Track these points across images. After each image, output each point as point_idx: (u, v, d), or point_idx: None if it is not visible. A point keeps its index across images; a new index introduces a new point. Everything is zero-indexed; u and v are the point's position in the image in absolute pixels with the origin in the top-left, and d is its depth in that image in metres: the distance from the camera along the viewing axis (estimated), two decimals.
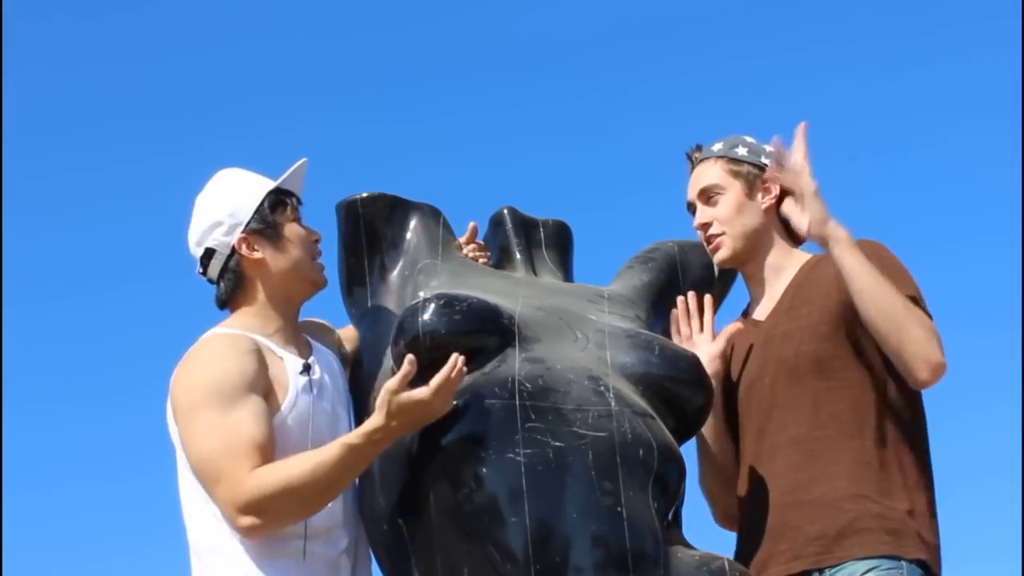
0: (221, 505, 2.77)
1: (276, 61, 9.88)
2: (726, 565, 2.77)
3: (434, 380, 2.69)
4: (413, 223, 3.21)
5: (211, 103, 9.80)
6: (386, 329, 2.99)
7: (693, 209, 3.26)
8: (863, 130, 9.45)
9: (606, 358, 2.93)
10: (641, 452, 2.79)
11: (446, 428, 2.77)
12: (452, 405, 2.75)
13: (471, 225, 3.28)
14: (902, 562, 2.89)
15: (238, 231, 2.96)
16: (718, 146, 3.26)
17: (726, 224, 3.19)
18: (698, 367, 2.96)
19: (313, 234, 3.05)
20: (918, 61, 9.65)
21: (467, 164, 9.53)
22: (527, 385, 2.81)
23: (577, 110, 9.67)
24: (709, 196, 3.21)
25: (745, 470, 3.10)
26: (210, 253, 2.98)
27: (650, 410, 2.88)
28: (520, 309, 2.96)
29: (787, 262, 3.19)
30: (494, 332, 2.87)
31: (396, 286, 3.15)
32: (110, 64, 9.71)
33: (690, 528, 2.93)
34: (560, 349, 2.92)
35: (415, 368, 2.70)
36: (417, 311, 2.83)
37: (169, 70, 9.65)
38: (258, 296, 2.98)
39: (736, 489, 3.14)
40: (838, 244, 2.98)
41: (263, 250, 2.97)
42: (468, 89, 9.96)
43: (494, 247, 3.31)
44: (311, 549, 2.83)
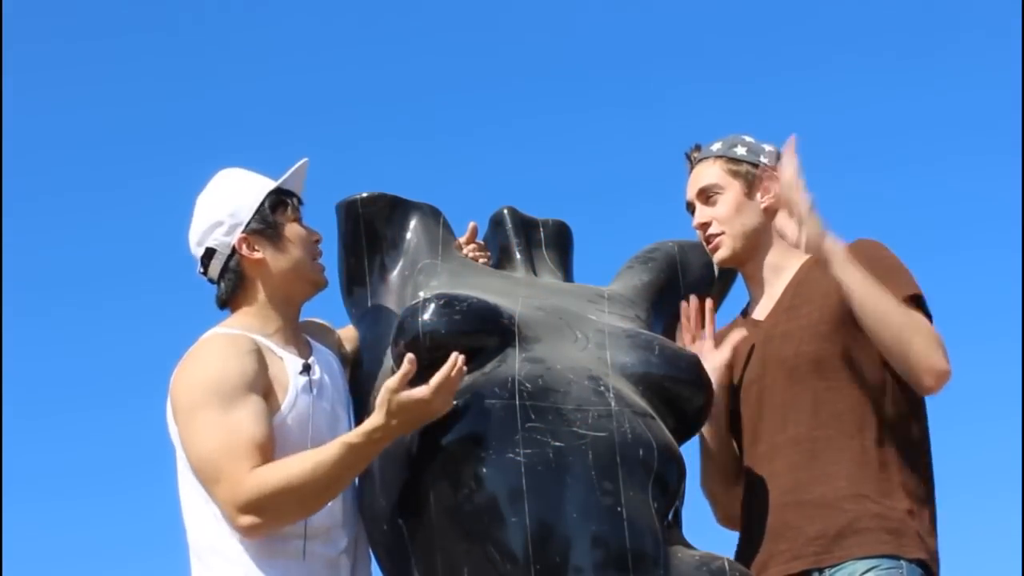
0: (221, 504, 2.77)
1: (276, 61, 9.90)
2: (726, 565, 2.77)
3: (434, 379, 2.69)
4: (413, 223, 3.21)
5: (211, 103, 9.81)
6: (386, 329, 2.99)
7: (692, 209, 3.26)
8: (864, 133, 9.49)
9: (606, 358, 2.93)
10: (641, 452, 2.79)
11: (446, 428, 2.77)
12: (452, 405, 2.75)
13: (471, 225, 3.28)
14: (902, 562, 2.89)
15: (238, 231, 2.96)
16: (717, 146, 3.26)
17: (725, 224, 3.18)
18: (698, 367, 2.96)
19: (314, 234, 3.05)
20: (918, 65, 9.66)
21: (467, 164, 9.53)
22: (527, 385, 2.80)
23: (577, 110, 9.68)
24: (708, 196, 3.21)
25: (745, 470, 3.10)
26: (210, 253, 2.98)
27: (650, 410, 2.88)
28: (520, 309, 2.96)
29: (786, 261, 3.19)
30: (494, 332, 2.87)
31: (396, 286, 3.15)
32: (110, 64, 9.72)
33: (690, 528, 2.94)
34: (560, 349, 2.92)
35: (415, 367, 2.70)
36: (417, 311, 2.83)
37: (170, 70, 9.67)
38: (258, 296, 2.98)
39: (737, 489, 3.15)
40: (836, 262, 2.97)
41: (263, 250, 2.97)
42: (468, 89, 9.98)
43: (494, 247, 3.31)
44: (310, 549, 2.83)
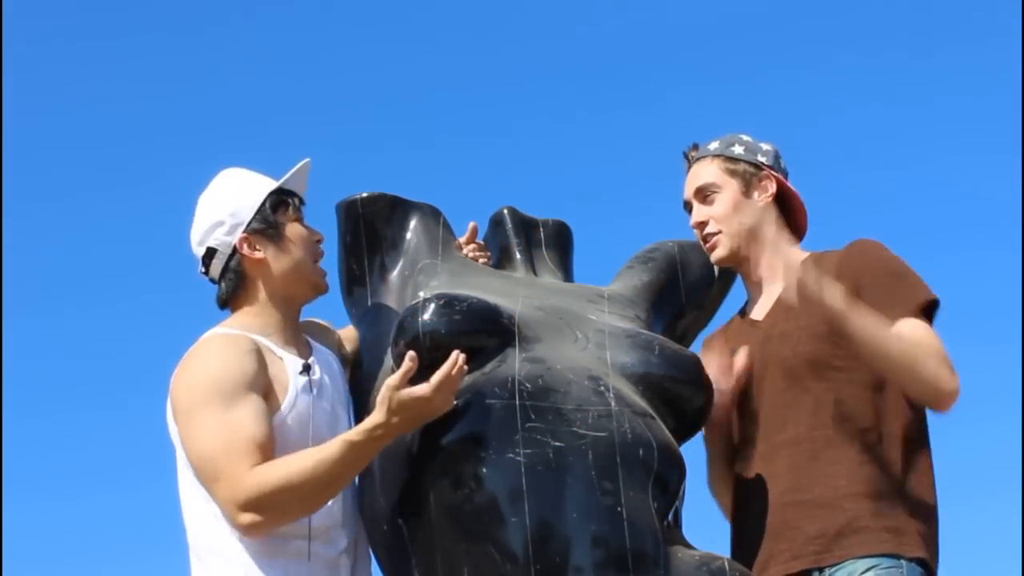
0: (221, 503, 2.76)
1: (278, 61, 9.89)
2: (726, 565, 2.77)
3: (435, 377, 2.69)
4: (413, 223, 3.20)
5: (212, 103, 9.81)
6: (386, 329, 2.98)
7: (689, 208, 3.26)
8: (864, 133, 9.50)
9: (606, 358, 2.93)
10: (641, 452, 2.80)
11: (446, 428, 2.77)
12: (453, 404, 2.75)
13: (471, 225, 3.28)
14: (902, 561, 2.90)
15: (239, 231, 2.96)
16: (714, 145, 3.26)
17: (723, 223, 3.18)
18: (698, 367, 2.96)
19: (315, 234, 3.05)
20: (918, 65, 9.68)
21: (467, 164, 9.53)
22: (527, 385, 2.80)
23: (577, 110, 9.69)
24: (705, 195, 3.21)
25: (745, 470, 3.10)
26: (212, 252, 2.98)
27: (650, 410, 2.88)
28: (520, 309, 2.96)
29: (785, 261, 3.19)
30: (494, 332, 2.87)
31: (396, 286, 3.15)
32: (111, 64, 9.71)
33: (690, 528, 2.94)
34: (560, 349, 2.92)
35: (416, 364, 2.70)
36: (417, 311, 2.83)
37: (171, 70, 9.66)
38: (259, 296, 2.97)
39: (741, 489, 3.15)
40: (849, 318, 2.91)
41: (264, 250, 2.97)
42: (468, 90, 9.98)
43: (494, 247, 3.31)
44: (312, 549, 2.83)
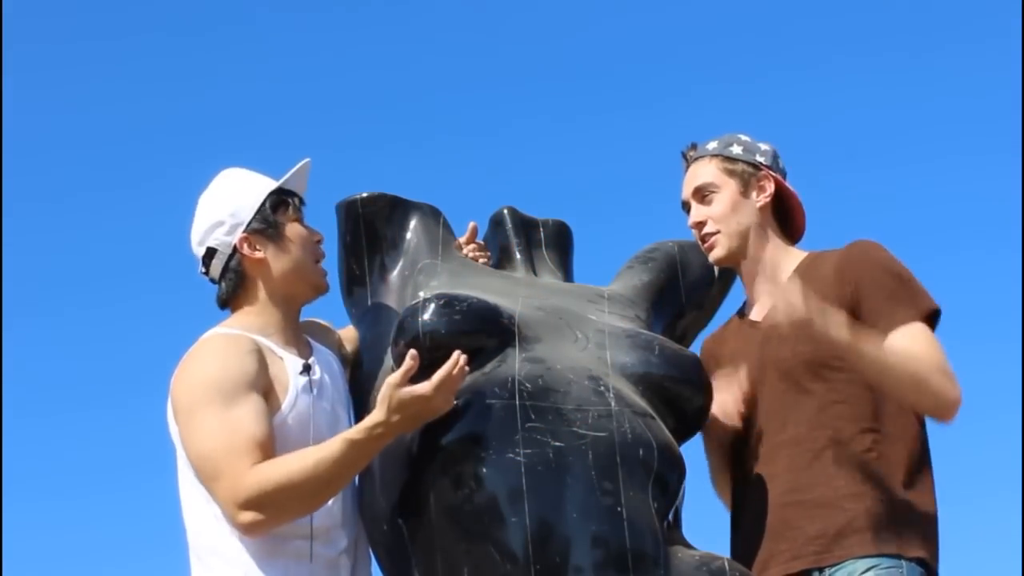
0: (221, 503, 2.76)
1: (278, 61, 9.89)
2: (726, 565, 2.78)
3: (436, 376, 2.69)
4: (413, 223, 3.21)
5: (213, 103, 9.81)
6: (386, 329, 2.98)
7: (688, 208, 3.26)
8: (864, 133, 9.51)
9: (606, 358, 2.93)
10: (641, 452, 2.80)
11: (446, 428, 2.77)
12: (453, 404, 2.75)
13: (471, 225, 3.28)
14: (902, 560, 2.90)
15: (239, 231, 2.96)
16: (713, 144, 3.26)
17: (721, 223, 3.18)
18: (698, 367, 2.97)
19: (315, 234, 3.04)
20: (918, 65, 9.69)
21: (467, 164, 9.52)
22: (527, 385, 2.81)
23: (577, 110, 9.70)
24: (704, 195, 3.21)
25: (745, 471, 3.10)
26: (212, 252, 2.98)
27: (650, 410, 2.88)
28: (520, 309, 2.96)
29: (783, 261, 3.19)
30: (494, 332, 2.87)
31: (396, 286, 3.15)
32: (111, 64, 9.70)
33: (690, 528, 2.94)
34: (560, 349, 2.92)
35: (417, 363, 2.70)
36: (417, 311, 2.83)
37: (171, 70, 9.66)
38: (259, 296, 2.97)
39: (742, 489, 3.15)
40: (855, 350, 2.90)
41: (264, 250, 2.97)
42: (468, 89, 9.98)
43: (494, 247, 3.31)
44: (312, 550, 2.82)
